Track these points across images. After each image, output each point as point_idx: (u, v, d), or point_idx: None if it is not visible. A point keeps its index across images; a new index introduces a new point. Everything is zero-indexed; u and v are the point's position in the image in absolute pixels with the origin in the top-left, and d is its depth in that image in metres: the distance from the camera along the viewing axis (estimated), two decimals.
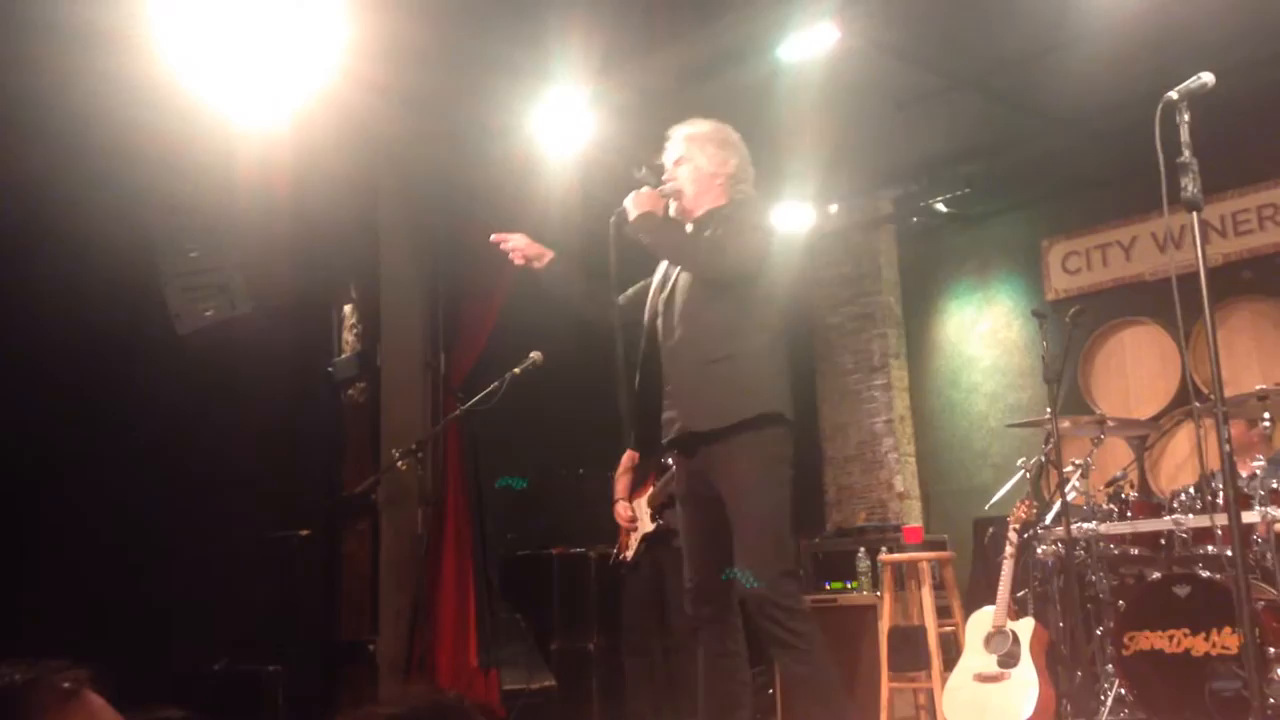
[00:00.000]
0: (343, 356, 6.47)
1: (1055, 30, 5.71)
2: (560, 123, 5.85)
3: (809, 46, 5.59)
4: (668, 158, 3.79)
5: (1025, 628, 4.85)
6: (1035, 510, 5.18)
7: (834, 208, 8.06)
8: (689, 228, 3.67)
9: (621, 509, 5.38)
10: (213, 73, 4.86)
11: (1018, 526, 5.07)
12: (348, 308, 6.54)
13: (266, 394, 5.82)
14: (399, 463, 5.44)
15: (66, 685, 1.35)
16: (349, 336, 6.50)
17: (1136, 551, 5.03)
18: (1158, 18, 5.52)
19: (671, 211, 3.68)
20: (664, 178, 3.75)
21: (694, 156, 3.74)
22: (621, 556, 5.45)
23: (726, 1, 5.42)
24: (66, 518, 5.05)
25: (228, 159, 5.26)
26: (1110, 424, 5.56)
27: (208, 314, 5.19)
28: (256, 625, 5.55)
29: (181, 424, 5.40)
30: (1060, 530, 5.00)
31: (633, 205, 3.61)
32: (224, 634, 5.41)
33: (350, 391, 6.41)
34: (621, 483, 5.46)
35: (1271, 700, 4.17)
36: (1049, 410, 5.16)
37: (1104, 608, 4.98)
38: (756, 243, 3.51)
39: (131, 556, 5.16)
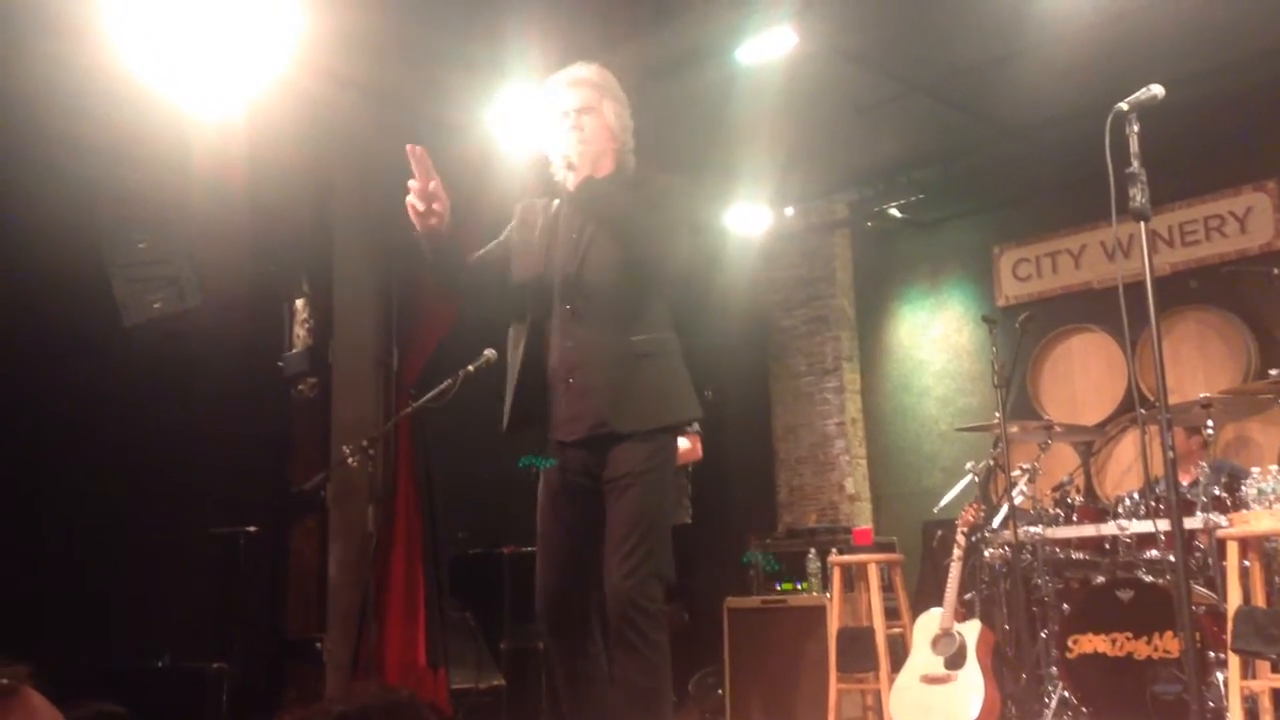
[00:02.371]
0: (293, 351, 6.40)
1: (1010, 39, 5.78)
2: (517, 120, 5.83)
3: (767, 50, 5.62)
4: (566, 103, 3.21)
5: (972, 630, 4.90)
6: (983, 514, 5.24)
7: (790, 211, 8.11)
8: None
9: None
10: (166, 61, 4.79)
11: (965, 530, 5.13)
12: (299, 302, 6.47)
13: (215, 388, 5.74)
14: (349, 459, 5.38)
15: (5, 682, 1.33)
16: (300, 331, 6.43)
17: (1081, 555, 5.11)
18: (1110, 29, 5.60)
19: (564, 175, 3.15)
20: (570, 126, 3.18)
21: (603, 109, 3.23)
22: None
23: (684, 3, 5.43)
24: (8, 511, 4.96)
25: (180, 149, 5.19)
26: (1057, 429, 5.64)
27: (156, 306, 5.12)
28: (202, 622, 5.48)
29: (127, 417, 5.31)
30: (1007, 534, 5.07)
31: (579, 160, 3.13)
32: (169, 630, 5.34)
33: (301, 387, 6.34)
34: None
35: (1211, 704, 4.24)
36: (998, 415, 5.22)
37: (1049, 611, 5.04)
38: (685, 235, 3.20)
39: (75, 551, 5.08)
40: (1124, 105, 2.92)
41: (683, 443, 4.71)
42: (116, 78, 4.73)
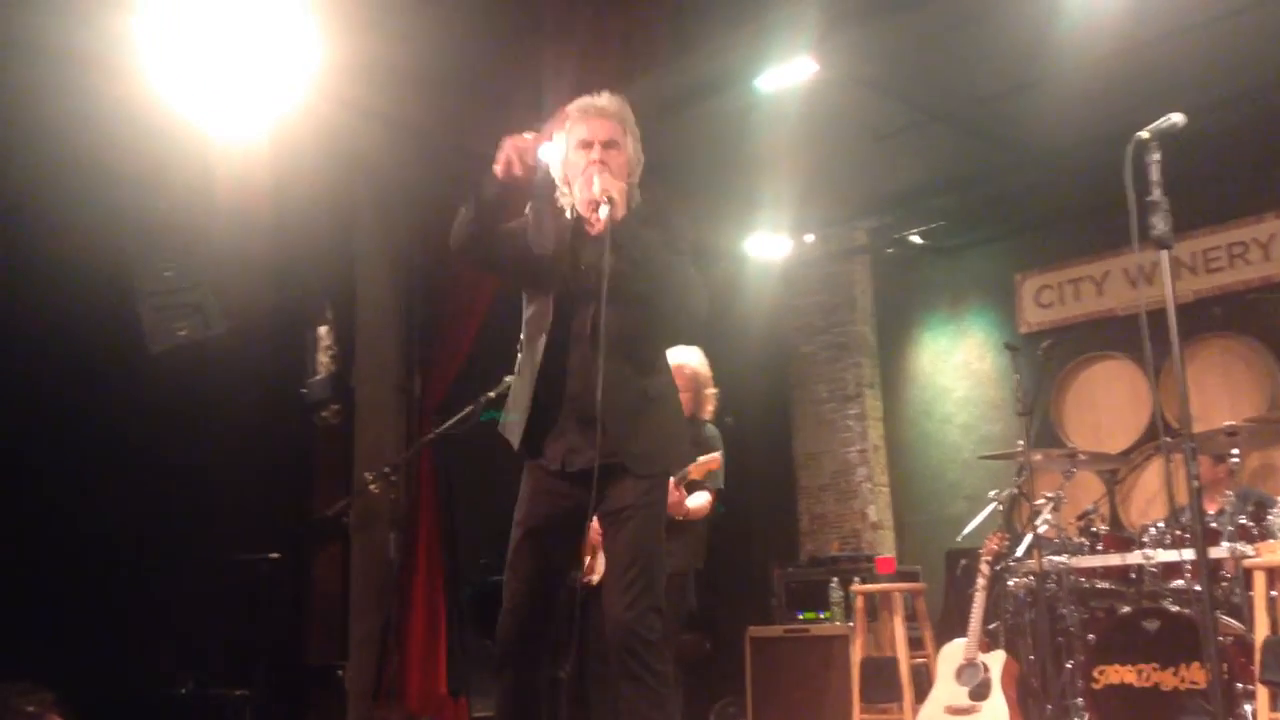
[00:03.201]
0: (316, 378, 6.43)
1: (1029, 67, 5.79)
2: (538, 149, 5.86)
3: (787, 78, 5.64)
4: (594, 133, 3.11)
5: (996, 660, 4.87)
6: (1007, 542, 5.20)
7: (810, 238, 8.12)
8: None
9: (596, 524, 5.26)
10: (191, 92, 4.85)
11: (990, 558, 5.09)
12: (323, 329, 6.51)
13: (238, 415, 5.78)
14: (371, 486, 5.42)
15: (30, 709, 1.34)
16: (323, 358, 6.47)
17: (1107, 585, 5.06)
18: (1130, 58, 5.60)
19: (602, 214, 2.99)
20: (592, 157, 3.08)
21: (625, 144, 3.14)
22: (587, 579, 5.38)
23: (704, 33, 5.46)
24: (33, 538, 4.99)
25: (205, 178, 5.24)
26: (1081, 457, 5.60)
27: (181, 333, 5.16)
28: (224, 649, 5.49)
29: (152, 444, 5.35)
30: (1032, 563, 5.03)
31: (619, 197, 2.97)
32: (191, 657, 5.35)
33: (324, 413, 6.37)
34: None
35: None
36: (1021, 443, 5.20)
37: (1074, 641, 5.00)
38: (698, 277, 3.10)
39: (99, 578, 5.10)
40: (1144, 134, 2.92)
41: (703, 496, 4.68)
42: (144, 107, 4.79)
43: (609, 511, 3.05)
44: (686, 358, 4.77)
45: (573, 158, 3.15)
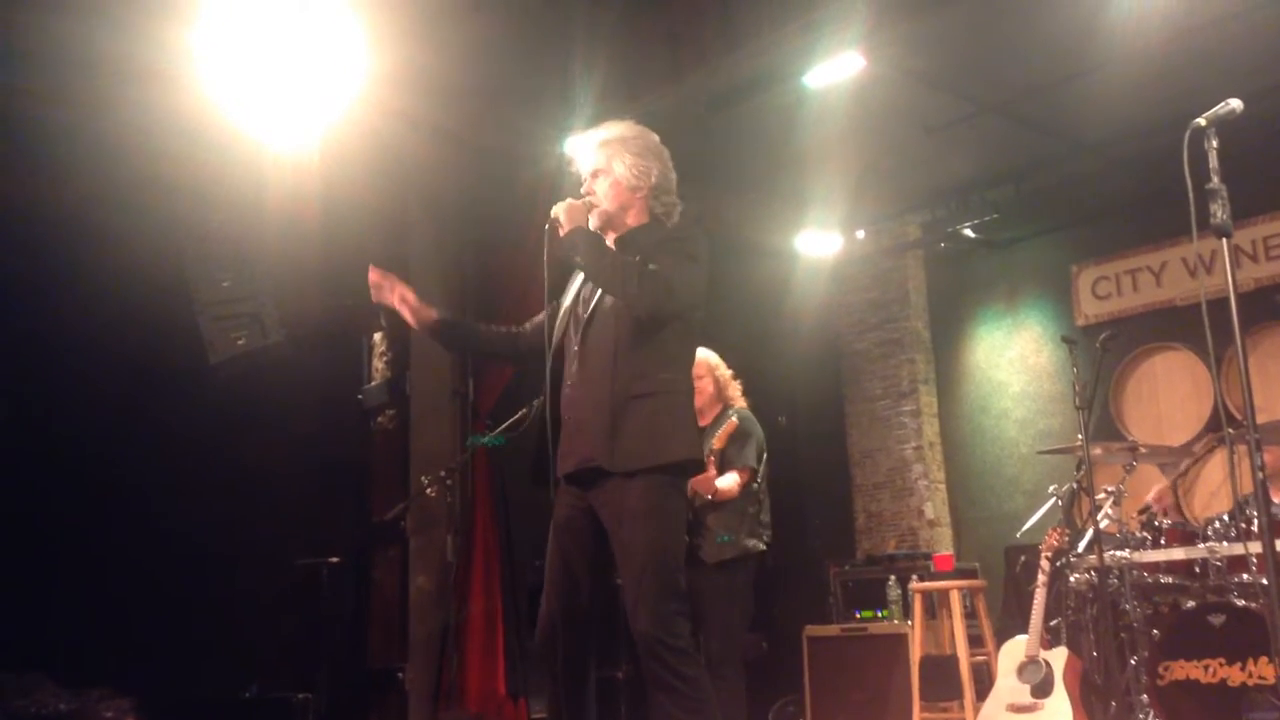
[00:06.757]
0: (372, 384, 6.50)
1: (1081, 56, 5.72)
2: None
3: (835, 74, 5.62)
4: (582, 167, 3.42)
5: (1058, 657, 4.81)
6: (1067, 538, 5.14)
7: (861, 233, 8.08)
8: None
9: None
10: (244, 103, 4.92)
11: (1050, 554, 5.03)
12: (378, 336, 6.59)
13: (297, 422, 5.85)
14: (428, 490, 5.47)
15: (109, 715, 1.38)
16: (379, 364, 6.54)
17: (1171, 580, 4.98)
18: (1183, 44, 5.52)
19: (592, 225, 3.29)
20: (582, 191, 3.39)
21: (612, 167, 3.35)
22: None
23: (752, 30, 5.46)
24: (98, 545, 5.09)
25: (259, 189, 5.32)
26: (1142, 450, 5.52)
27: (240, 342, 5.23)
28: (286, 652, 5.56)
29: (212, 452, 5.43)
30: (1093, 558, 4.96)
31: (564, 216, 3.24)
32: (254, 661, 5.43)
33: (380, 419, 6.44)
34: None
35: None
36: (1080, 437, 5.13)
37: (1138, 637, 4.93)
38: (698, 278, 3.20)
39: (162, 583, 5.19)
40: (1202, 121, 2.86)
41: (732, 477, 4.66)
42: (197, 120, 4.87)
43: (609, 525, 3.12)
44: None
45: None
